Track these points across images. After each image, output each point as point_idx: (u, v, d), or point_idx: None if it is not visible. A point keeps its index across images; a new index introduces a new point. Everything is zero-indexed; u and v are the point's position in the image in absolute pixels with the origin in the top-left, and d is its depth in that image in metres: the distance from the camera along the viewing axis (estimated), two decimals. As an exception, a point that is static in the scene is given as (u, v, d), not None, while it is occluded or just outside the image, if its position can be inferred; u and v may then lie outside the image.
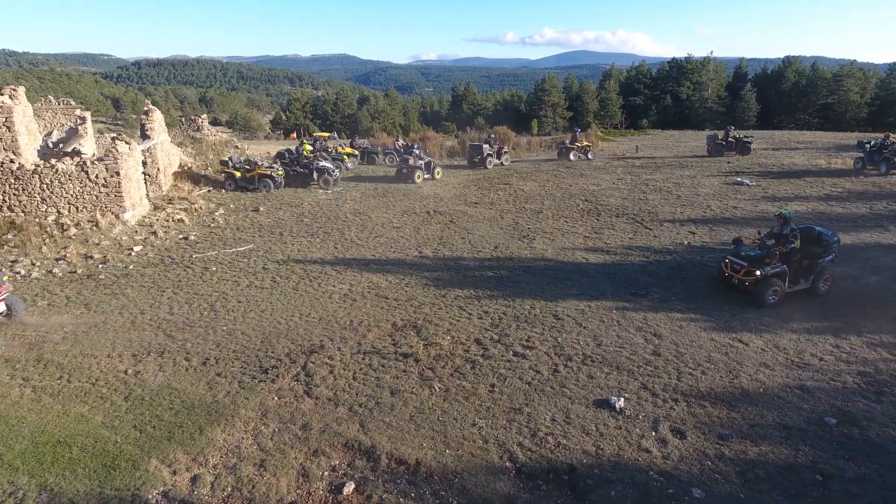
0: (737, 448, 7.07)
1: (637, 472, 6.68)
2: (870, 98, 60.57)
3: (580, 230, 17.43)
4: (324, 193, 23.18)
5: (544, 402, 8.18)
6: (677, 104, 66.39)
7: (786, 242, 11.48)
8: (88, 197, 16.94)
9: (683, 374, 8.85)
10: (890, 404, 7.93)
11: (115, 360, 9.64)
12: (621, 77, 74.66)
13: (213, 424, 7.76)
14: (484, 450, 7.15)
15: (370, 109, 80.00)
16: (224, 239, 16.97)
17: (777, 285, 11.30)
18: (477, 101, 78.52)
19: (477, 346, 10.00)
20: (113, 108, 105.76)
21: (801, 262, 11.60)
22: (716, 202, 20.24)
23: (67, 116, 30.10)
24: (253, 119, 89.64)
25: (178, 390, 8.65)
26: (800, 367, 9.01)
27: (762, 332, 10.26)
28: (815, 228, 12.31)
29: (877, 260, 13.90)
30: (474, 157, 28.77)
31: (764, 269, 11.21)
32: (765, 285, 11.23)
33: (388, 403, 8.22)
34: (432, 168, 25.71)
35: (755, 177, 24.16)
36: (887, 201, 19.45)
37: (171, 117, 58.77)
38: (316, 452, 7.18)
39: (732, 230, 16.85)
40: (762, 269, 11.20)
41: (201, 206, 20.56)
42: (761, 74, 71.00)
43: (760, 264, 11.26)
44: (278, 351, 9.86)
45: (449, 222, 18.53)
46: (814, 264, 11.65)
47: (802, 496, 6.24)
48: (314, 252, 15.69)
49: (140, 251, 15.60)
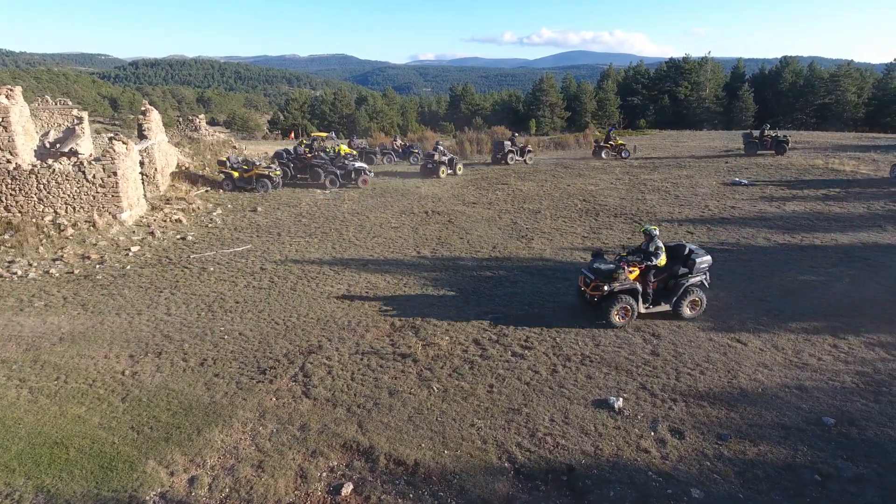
0: (735, 448, 7.06)
1: (636, 473, 6.67)
2: (867, 98, 60.74)
3: (578, 230, 17.43)
4: (321, 193, 23.15)
5: (543, 402, 8.17)
6: (675, 104, 66.50)
7: (646, 259, 10.72)
8: (85, 197, 16.89)
9: (682, 375, 8.84)
10: (888, 404, 7.93)
11: (112, 360, 9.60)
12: (619, 77, 74.79)
13: (211, 425, 7.74)
14: (482, 450, 7.14)
15: (368, 109, 79.94)
16: (222, 239, 16.93)
17: (626, 303, 10.45)
18: (475, 101, 78.60)
19: (475, 346, 9.98)
20: (110, 108, 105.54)
21: (666, 281, 10.83)
22: (714, 202, 20.26)
23: (64, 116, 30.02)
24: (251, 119, 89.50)
25: (176, 391, 8.62)
26: (798, 367, 9.01)
27: (760, 332, 10.26)
28: (685, 247, 11.17)
29: (874, 260, 13.92)
30: (497, 153, 29.82)
31: (611, 284, 10.39)
32: (611, 302, 10.42)
33: (387, 404, 8.20)
34: (454, 164, 27.18)
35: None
36: (885, 201, 19.48)
37: (168, 117, 58.67)
38: (314, 453, 7.16)
39: (731, 230, 16.88)
40: (610, 284, 10.39)
41: (199, 207, 20.52)
42: (759, 74, 71.19)
43: (609, 279, 10.41)
44: (276, 351, 9.84)
45: (447, 222, 18.52)
46: (677, 285, 10.72)
47: (801, 496, 6.24)
48: (312, 252, 15.67)
49: (137, 251, 15.56)
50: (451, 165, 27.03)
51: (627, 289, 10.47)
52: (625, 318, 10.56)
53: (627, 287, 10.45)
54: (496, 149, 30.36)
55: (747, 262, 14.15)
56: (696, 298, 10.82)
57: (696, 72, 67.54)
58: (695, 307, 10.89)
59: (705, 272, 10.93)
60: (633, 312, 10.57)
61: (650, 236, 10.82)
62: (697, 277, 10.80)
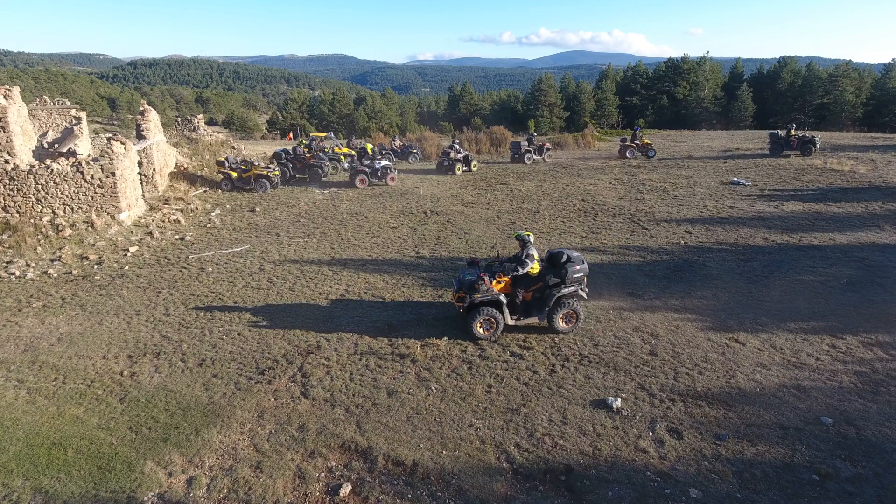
0: (734, 448, 7.07)
1: (634, 473, 6.67)
2: (865, 98, 60.78)
3: (577, 230, 17.44)
4: (320, 193, 23.14)
5: (541, 402, 8.17)
6: (674, 104, 66.53)
7: (515, 268, 10.22)
8: (84, 198, 16.87)
9: (680, 374, 8.85)
10: (886, 403, 7.95)
11: (110, 361, 9.60)
12: (618, 77, 74.82)
13: (210, 426, 7.73)
14: (481, 450, 7.14)
15: (367, 109, 79.86)
16: (220, 239, 16.92)
17: (489, 314, 9.90)
18: (474, 101, 78.57)
19: (474, 346, 9.98)
20: (109, 109, 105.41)
21: (542, 291, 10.28)
22: (712, 202, 20.28)
23: (63, 117, 29.99)
24: (249, 119, 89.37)
25: (174, 392, 8.62)
26: (796, 367, 9.02)
27: (758, 332, 10.27)
28: (563, 255, 10.36)
29: (872, 259, 13.94)
30: (515, 153, 30.38)
31: (472, 295, 9.94)
32: (473, 313, 9.93)
33: (385, 404, 8.20)
34: (469, 161, 28.09)
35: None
36: (882, 201, 19.51)
37: (167, 117, 58.67)
38: (312, 454, 7.16)
39: (729, 230, 16.90)
40: (471, 295, 9.93)
41: (197, 207, 20.50)
42: (757, 74, 71.26)
43: (471, 290, 9.96)
44: (275, 352, 9.83)
45: (446, 223, 18.51)
46: (549, 295, 10.13)
47: (799, 496, 6.25)
48: (311, 252, 15.66)
49: (136, 252, 15.54)
50: (466, 162, 27.94)
51: (489, 300, 9.94)
52: (489, 330, 10.04)
53: (489, 298, 9.92)
54: (514, 148, 30.74)
55: (746, 261, 14.17)
56: (571, 311, 10.18)
57: (695, 72, 67.60)
58: (570, 320, 10.28)
59: (580, 282, 10.22)
60: (499, 325, 10.00)
61: (524, 243, 10.31)
62: (570, 288, 10.11)
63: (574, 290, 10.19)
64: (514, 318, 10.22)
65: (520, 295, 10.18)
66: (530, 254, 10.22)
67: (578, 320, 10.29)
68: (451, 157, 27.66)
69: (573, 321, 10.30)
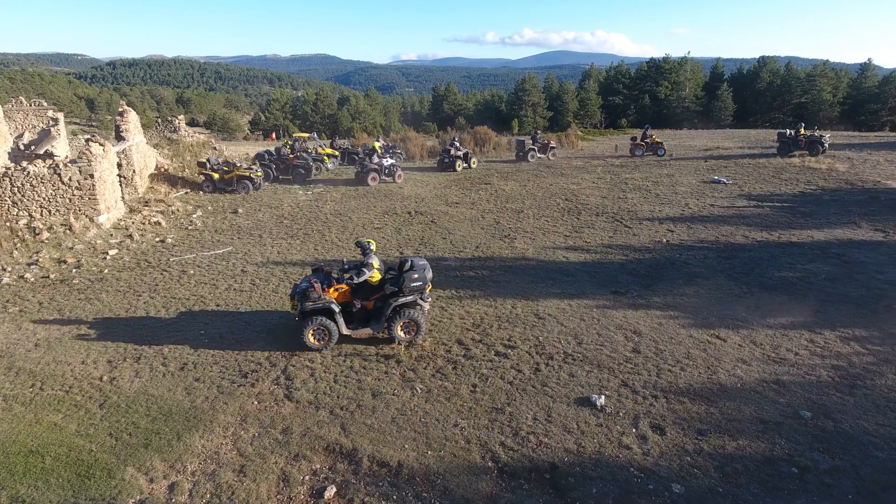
0: (715, 443, 7.16)
1: (618, 469, 6.72)
2: (842, 97, 61.93)
3: (561, 229, 17.53)
4: (303, 194, 23.01)
5: (526, 401, 8.20)
6: (655, 104, 67.16)
7: (352, 276, 9.87)
8: (61, 200, 16.59)
9: (663, 371, 8.94)
10: (863, 397, 8.09)
11: (89, 366, 9.44)
12: (601, 77, 75.35)
13: (192, 430, 7.64)
14: (466, 450, 7.14)
15: (350, 110, 79.62)
16: (202, 241, 16.74)
17: (320, 324, 9.58)
18: (458, 101, 78.67)
19: (459, 346, 9.99)
20: (87, 109, 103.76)
21: (383, 300, 9.93)
22: (693, 200, 20.51)
23: (39, 118, 29.46)
24: (231, 120, 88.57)
25: (155, 396, 8.50)
26: (776, 362, 9.16)
27: (739, 328, 10.41)
28: (407, 262, 9.93)
29: (849, 255, 14.20)
30: (519, 151, 31.04)
31: (303, 302, 9.61)
32: (304, 322, 9.63)
33: (370, 406, 8.17)
34: (469, 158, 29.04)
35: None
36: (858, 198, 19.86)
37: (147, 118, 57.85)
38: (297, 457, 7.11)
39: (710, 228, 17.10)
40: (302, 302, 9.63)
41: (178, 209, 20.26)
42: (737, 74, 72.18)
43: (303, 297, 9.65)
44: (258, 354, 9.74)
45: (430, 223, 18.50)
46: (386, 305, 9.79)
47: (779, 489, 6.34)
48: (294, 254, 15.56)
49: (115, 255, 15.31)
50: (466, 159, 28.84)
51: (321, 308, 9.61)
52: (321, 340, 9.70)
53: (321, 307, 9.58)
54: (518, 146, 31.38)
55: (726, 259, 14.35)
56: (412, 321, 9.83)
57: (676, 71, 68.33)
58: (409, 330, 9.92)
59: (419, 291, 9.81)
60: (332, 335, 9.67)
61: (364, 250, 10.02)
62: (409, 297, 9.74)
63: (413, 300, 9.80)
64: (352, 328, 9.86)
65: (357, 304, 9.87)
66: (369, 262, 9.91)
67: (419, 331, 9.91)
68: (451, 154, 28.46)
69: (413, 331, 9.94)
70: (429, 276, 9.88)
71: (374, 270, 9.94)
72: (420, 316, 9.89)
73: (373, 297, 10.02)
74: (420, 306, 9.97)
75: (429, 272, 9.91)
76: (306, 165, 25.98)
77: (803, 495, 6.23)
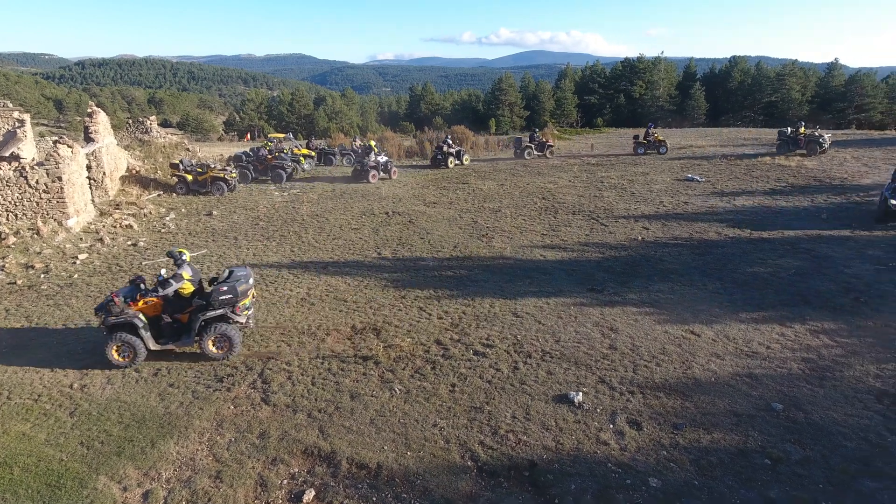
0: (690, 436, 7.27)
1: (596, 465, 6.79)
2: (810, 96, 63.52)
3: (538, 228, 17.64)
4: (280, 195, 22.77)
5: (505, 399, 8.23)
6: (630, 103, 68.02)
7: (157, 288, 9.30)
8: (28, 204, 16.16)
9: (639, 367, 9.05)
10: (832, 388, 8.30)
11: (59, 374, 9.20)
12: (576, 76, 76.04)
13: (166, 437, 7.50)
14: (445, 450, 7.14)
15: (327, 110, 78.99)
16: (175, 244, 16.44)
17: (122, 339, 9.04)
18: (435, 100, 78.62)
19: (437, 346, 9.98)
20: (55, 110, 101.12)
21: (195, 313, 9.37)
22: (668, 198, 20.81)
23: (5, 119, 28.51)
24: (205, 120, 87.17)
25: (128, 403, 8.33)
26: (748, 356, 9.34)
27: (713, 324, 10.59)
28: (225, 273, 9.71)
29: (818, 250, 14.55)
30: (516, 148, 32.03)
31: (106, 317, 9.04)
32: (108, 337, 9.13)
33: (348, 408, 8.11)
34: (461, 155, 30.09)
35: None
36: (827, 194, 20.38)
37: (118, 119, 56.66)
38: (274, 461, 7.02)
39: (684, 225, 17.37)
40: (105, 317, 9.06)
41: (151, 211, 19.90)
42: (709, 74, 73.57)
43: (106, 311, 9.06)
44: (234, 358, 9.60)
45: (408, 223, 18.46)
46: (195, 318, 9.28)
47: (753, 480, 6.46)
48: (270, 256, 15.39)
49: (85, 259, 14.96)
50: (458, 157, 29.83)
51: (122, 323, 9.05)
52: (127, 356, 9.16)
53: (122, 321, 9.02)
54: (516, 144, 32.17)
55: (700, 255, 14.59)
56: (224, 337, 9.31)
57: (650, 71, 69.30)
58: (222, 346, 9.39)
59: (229, 304, 9.26)
60: (137, 351, 9.14)
61: (175, 260, 9.41)
62: (218, 311, 9.22)
63: (223, 314, 9.27)
64: (161, 343, 9.37)
65: (166, 317, 9.39)
66: (179, 273, 9.32)
67: (232, 347, 9.39)
68: (444, 151, 29.42)
69: (226, 347, 9.40)
70: (242, 290, 9.33)
71: (183, 282, 9.34)
72: (232, 331, 9.33)
73: (187, 311, 9.46)
74: (232, 320, 9.40)
75: (243, 285, 9.39)
76: (285, 166, 25.71)
77: (776, 486, 6.36)
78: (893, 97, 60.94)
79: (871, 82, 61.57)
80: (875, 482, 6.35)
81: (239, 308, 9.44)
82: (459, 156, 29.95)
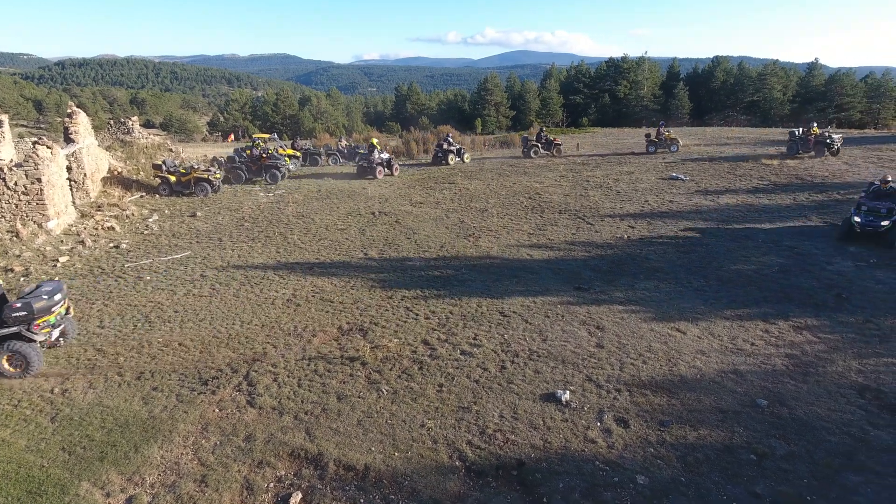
0: (677, 433, 7.31)
1: (584, 463, 6.80)
2: (791, 95, 64.42)
3: (524, 227, 17.67)
4: (265, 196, 22.59)
5: (492, 399, 8.22)
6: (615, 102, 68.45)
7: None
8: (7, 206, 15.86)
9: (626, 365, 9.09)
10: (815, 384, 8.40)
11: (39, 379, 9.02)
12: (562, 76, 76.41)
13: (150, 441, 7.39)
14: (433, 450, 7.11)
15: (312, 110, 78.58)
16: (159, 246, 16.24)
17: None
18: (421, 100, 78.57)
19: (424, 346, 9.95)
20: (34, 111, 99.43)
21: None
22: (653, 197, 20.96)
23: (-18, 120, 28.02)
24: (189, 121, 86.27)
25: (111, 407, 8.19)
26: (733, 353, 9.42)
27: (698, 321, 10.67)
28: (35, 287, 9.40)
29: (801, 248, 14.73)
30: (524, 147, 32.19)
31: None
32: None
33: (335, 409, 8.06)
34: (462, 153, 30.57)
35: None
36: (808, 192, 20.66)
37: (99, 119, 55.85)
38: (260, 464, 6.95)
39: (669, 223, 17.50)
40: None
41: (133, 213, 19.63)
42: (693, 73, 74.23)
43: None
44: (218, 361, 9.50)
45: (394, 223, 18.40)
46: None
47: (739, 476, 6.51)
48: (255, 257, 15.25)
49: (66, 262, 14.71)
50: (459, 154, 30.45)
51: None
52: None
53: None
54: (524, 142, 32.41)
55: (685, 253, 14.71)
56: (15, 353, 8.85)
57: (635, 71, 69.78)
58: (17, 364, 8.91)
59: (24, 323, 8.84)
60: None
61: None
62: (11, 329, 8.78)
63: (17, 331, 8.80)
64: None
65: None
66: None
67: (30, 366, 8.91)
68: (444, 148, 30.05)
69: (21, 366, 8.91)
70: (41, 306, 8.87)
71: None
72: (28, 349, 8.89)
73: None
74: (27, 339, 8.92)
75: (43, 301, 8.92)
76: (280, 165, 25.52)
77: (762, 481, 6.42)
78: (872, 96, 61.99)
79: (850, 82, 62.55)
80: (858, 476, 6.43)
81: (38, 326, 8.99)
82: (460, 153, 30.51)
